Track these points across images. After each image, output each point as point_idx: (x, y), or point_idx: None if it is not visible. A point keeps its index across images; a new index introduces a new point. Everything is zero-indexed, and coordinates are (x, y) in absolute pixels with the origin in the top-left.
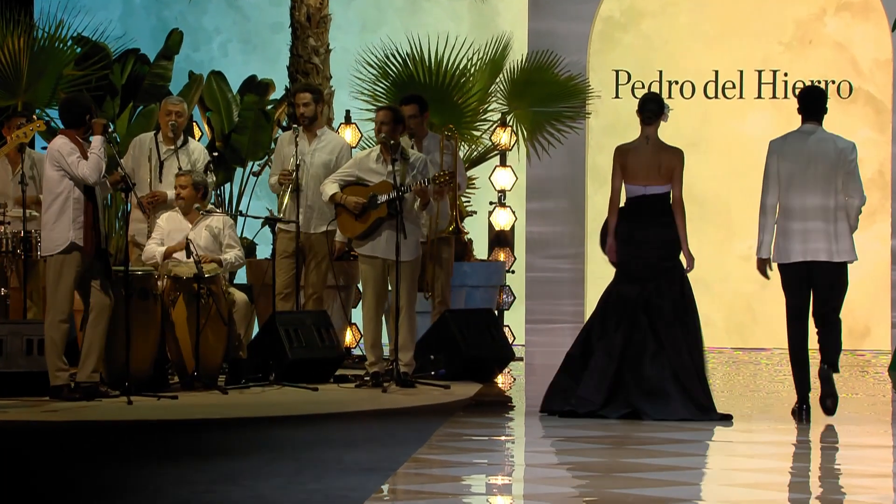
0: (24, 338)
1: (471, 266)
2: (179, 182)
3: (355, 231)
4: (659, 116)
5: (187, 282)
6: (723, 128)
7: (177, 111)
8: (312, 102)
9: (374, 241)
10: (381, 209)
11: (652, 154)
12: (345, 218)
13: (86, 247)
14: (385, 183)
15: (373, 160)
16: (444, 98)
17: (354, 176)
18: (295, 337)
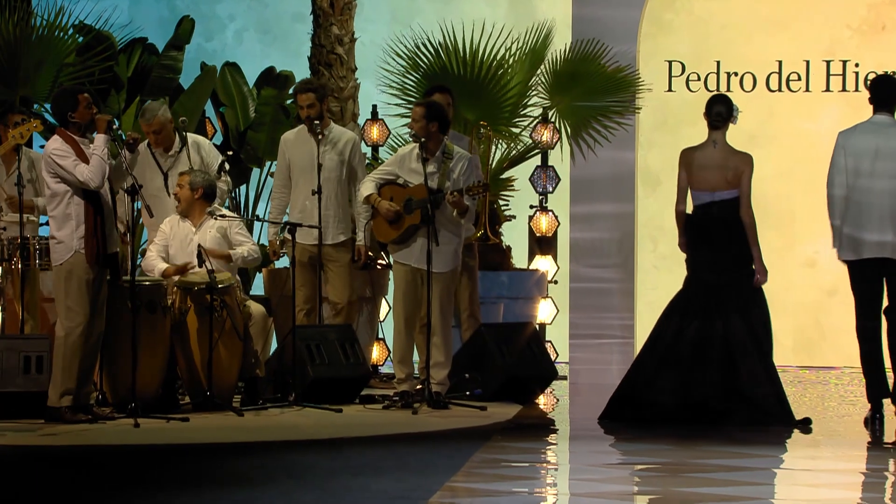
0: (22, 354)
1: (509, 275)
2: (178, 182)
3: (389, 236)
4: (728, 120)
5: (199, 292)
6: (787, 124)
7: (154, 129)
8: (317, 102)
9: (408, 249)
10: (415, 215)
11: (720, 158)
12: (380, 221)
13: (89, 255)
14: (421, 186)
15: (413, 159)
16: (480, 91)
17: (394, 174)
18: (317, 353)
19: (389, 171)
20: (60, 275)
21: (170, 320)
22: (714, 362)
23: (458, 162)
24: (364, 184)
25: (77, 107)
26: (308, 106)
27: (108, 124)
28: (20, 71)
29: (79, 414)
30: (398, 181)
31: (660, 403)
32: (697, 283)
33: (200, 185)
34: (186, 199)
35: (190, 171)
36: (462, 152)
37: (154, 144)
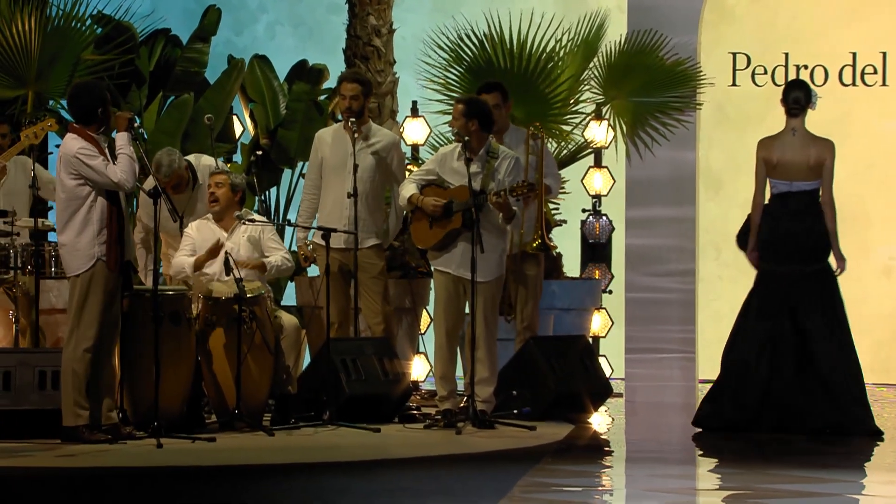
0: (36, 369)
1: (560, 285)
2: (215, 180)
3: (428, 241)
4: (806, 106)
5: (226, 303)
6: (861, 121)
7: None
8: (361, 96)
9: (449, 255)
10: (456, 219)
11: (800, 147)
12: (419, 225)
13: (110, 262)
14: (464, 188)
15: (455, 158)
16: (528, 86)
17: (435, 174)
18: (353, 368)
19: (430, 171)
20: (78, 285)
21: (195, 333)
22: (794, 360)
23: (504, 161)
24: (405, 185)
25: (105, 102)
26: (352, 97)
27: (129, 122)
28: (33, 65)
29: (97, 433)
30: (440, 182)
31: (745, 407)
32: (772, 278)
33: (241, 188)
34: (227, 199)
35: (226, 171)
36: (508, 152)
37: (171, 192)
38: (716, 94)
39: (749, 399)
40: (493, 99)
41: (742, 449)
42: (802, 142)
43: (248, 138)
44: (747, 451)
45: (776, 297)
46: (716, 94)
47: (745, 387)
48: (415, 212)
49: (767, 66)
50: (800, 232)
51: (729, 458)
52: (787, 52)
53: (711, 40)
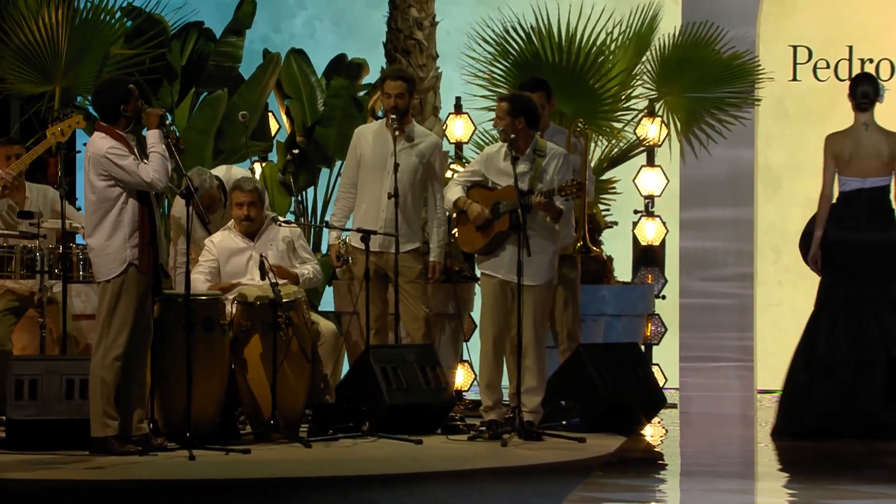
0: (64, 377)
1: (611, 290)
2: (248, 200)
3: (475, 245)
4: (875, 100)
5: (261, 308)
6: None
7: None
8: (406, 93)
9: (497, 258)
10: (503, 221)
11: (874, 142)
12: (465, 228)
13: (142, 265)
14: (510, 189)
15: (501, 157)
16: (577, 82)
17: (481, 175)
18: (394, 377)
19: (476, 171)
20: (109, 290)
21: (229, 339)
22: (871, 363)
23: (552, 160)
24: (449, 188)
25: (129, 99)
26: (397, 95)
27: (160, 119)
28: (61, 60)
29: (127, 445)
30: (485, 183)
31: (823, 413)
32: (840, 278)
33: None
34: (259, 216)
35: (246, 180)
36: (556, 149)
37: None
38: (775, 90)
39: (827, 406)
40: (537, 98)
41: (809, 461)
42: (876, 136)
43: (284, 136)
44: (815, 463)
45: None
46: (775, 89)
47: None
48: (460, 214)
49: (830, 60)
50: (871, 229)
51: (794, 471)
52: (850, 46)
53: (771, 33)
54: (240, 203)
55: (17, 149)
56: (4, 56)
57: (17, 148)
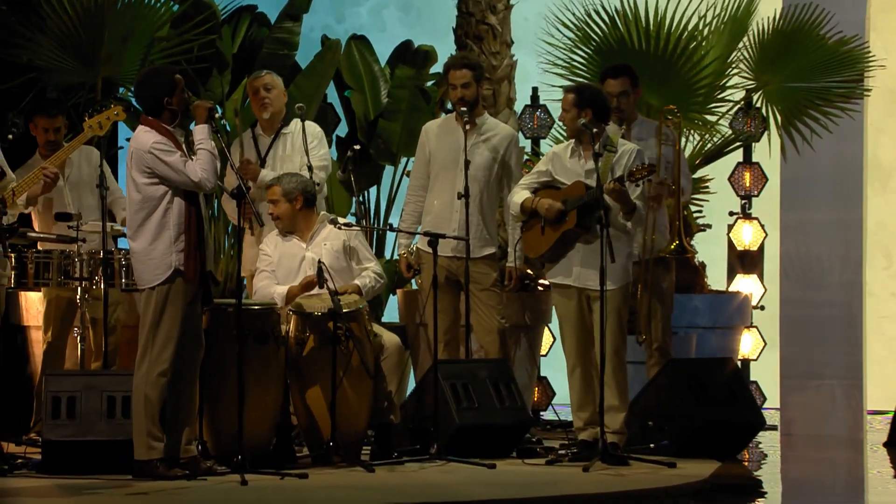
0: (105, 394)
1: (703, 300)
2: (270, 197)
3: (540, 248)
4: None
5: (319, 320)
6: None
7: (263, 84)
8: (473, 82)
9: (565, 263)
10: (570, 219)
11: None
12: (531, 234)
13: (188, 272)
14: (578, 184)
15: (568, 155)
16: (667, 70)
17: (549, 176)
18: (464, 395)
19: (544, 172)
20: (153, 299)
21: (284, 353)
22: None
23: (623, 156)
24: (515, 192)
25: (174, 90)
26: (463, 85)
27: (208, 112)
28: (103, 47)
29: (174, 468)
30: (553, 184)
31: None
32: None
33: (299, 192)
34: (287, 215)
35: (278, 180)
36: (628, 143)
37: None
38: (887, 79)
39: None
40: (621, 85)
41: None
42: None
43: (344, 131)
44: None
45: None
46: (887, 78)
47: None
48: (529, 220)
49: None
50: None
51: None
52: None
53: (882, 16)
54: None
55: (60, 121)
56: (41, 43)
57: (59, 120)
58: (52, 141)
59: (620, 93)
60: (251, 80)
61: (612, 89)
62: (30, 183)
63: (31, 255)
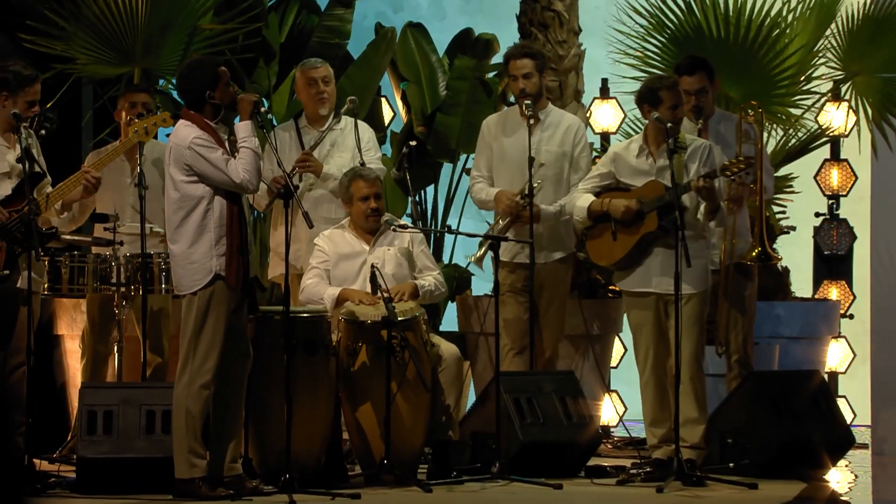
0: (143, 408)
1: (787, 307)
2: (373, 190)
3: (615, 255)
4: None
5: (373, 328)
6: None
7: (322, 77)
8: (535, 72)
9: (643, 271)
10: (649, 220)
11: None
12: (598, 241)
13: (231, 278)
14: (654, 184)
15: (633, 154)
16: (747, 60)
17: (612, 178)
18: (529, 409)
19: (605, 175)
20: (194, 306)
21: (335, 365)
22: None
23: (695, 153)
24: (577, 196)
25: (217, 83)
26: (524, 76)
27: (253, 107)
28: (140, 36)
29: (218, 488)
30: (617, 186)
31: None
32: None
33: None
34: (384, 209)
35: (366, 169)
36: (699, 140)
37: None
38: None
39: None
40: (698, 82)
41: None
42: None
43: (399, 125)
44: None
45: None
46: None
47: None
48: (593, 226)
49: None
50: None
51: None
52: None
53: None
54: (364, 196)
55: (143, 97)
56: (75, 33)
57: (142, 96)
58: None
59: (698, 90)
60: (306, 70)
61: (688, 87)
62: (69, 187)
63: (64, 260)
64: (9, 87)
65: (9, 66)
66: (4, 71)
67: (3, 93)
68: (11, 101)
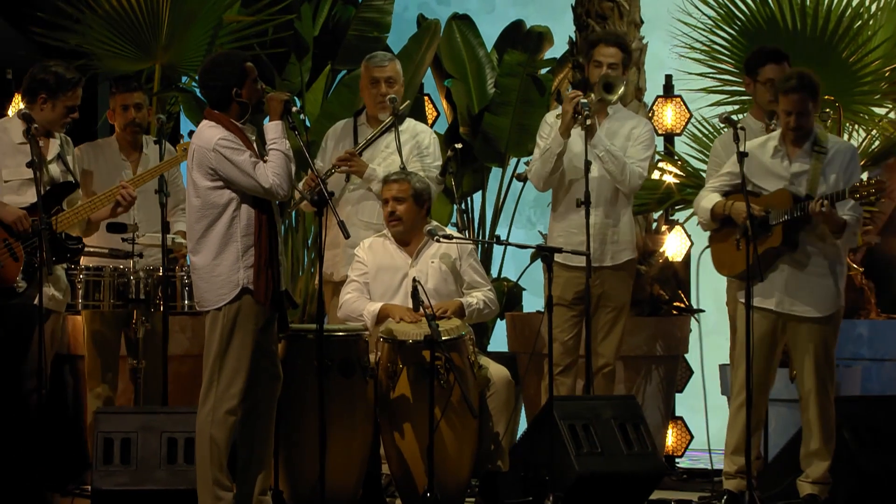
0: (164, 436)
1: (870, 327)
2: (392, 192)
3: (734, 267)
4: None
5: (414, 349)
6: None
7: (386, 77)
8: (621, 66)
9: (767, 283)
10: (774, 234)
11: None
12: (722, 246)
13: (259, 293)
14: (783, 194)
15: (769, 153)
16: (825, 54)
17: (741, 178)
18: (585, 437)
19: (735, 174)
20: (220, 323)
21: (373, 388)
22: None
23: (837, 157)
24: (703, 195)
25: (244, 80)
26: (610, 66)
27: (284, 106)
28: (162, 30)
29: None
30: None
31: None
32: None
33: (428, 196)
34: (412, 215)
35: (406, 176)
36: (842, 143)
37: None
38: None
39: None
40: (771, 72)
41: None
42: None
43: (443, 127)
44: None
45: None
46: None
47: None
48: (719, 229)
49: None
50: None
51: None
52: None
53: None
54: (385, 199)
55: (138, 96)
56: (90, 25)
57: (135, 96)
58: (134, 121)
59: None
60: (370, 67)
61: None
62: (101, 202)
63: (79, 274)
64: (49, 90)
65: (51, 68)
66: (46, 72)
67: (42, 95)
68: (50, 104)
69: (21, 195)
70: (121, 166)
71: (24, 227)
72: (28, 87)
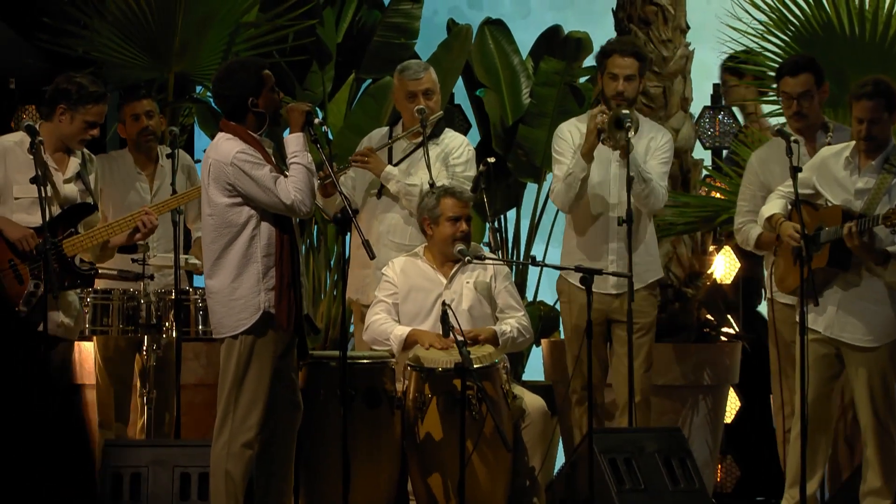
0: (178, 470)
1: None
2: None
3: (787, 284)
4: None
5: (444, 377)
6: None
7: (424, 90)
8: (637, 76)
9: (818, 309)
10: (822, 255)
11: None
12: (785, 259)
13: (281, 316)
14: (836, 211)
15: (841, 163)
16: (886, 62)
17: (812, 187)
18: (627, 473)
19: (807, 183)
20: (236, 350)
21: (400, 419)
22: None
23: None
24: (770, 199)
25: (261, 89)
26: (626, 78)
27: (305, 117)
28: (176, 36)
29: None
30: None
31: None
32: None
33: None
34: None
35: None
36: None
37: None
38: None
39: None
40: (802, 84)
41: None
42: None
43: (475, 139)
44: None
45: None
46: None
47: None
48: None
49: None
50: None
51: None
52: None
53: None
54: (454, 217)
55: (148, 103)
56: (99, 31)
57: (147, 103)
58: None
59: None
60: (404, 80)
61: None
62: (118, 228)
63: (86, 297)
64: (69, 100)
65: (75, 78)
66: (69, 82)
67: (62, 105)
68: (69, 115)
69: (31, 214)
70: (136, 179)
71: (29, 247)
72: (49, 97)
